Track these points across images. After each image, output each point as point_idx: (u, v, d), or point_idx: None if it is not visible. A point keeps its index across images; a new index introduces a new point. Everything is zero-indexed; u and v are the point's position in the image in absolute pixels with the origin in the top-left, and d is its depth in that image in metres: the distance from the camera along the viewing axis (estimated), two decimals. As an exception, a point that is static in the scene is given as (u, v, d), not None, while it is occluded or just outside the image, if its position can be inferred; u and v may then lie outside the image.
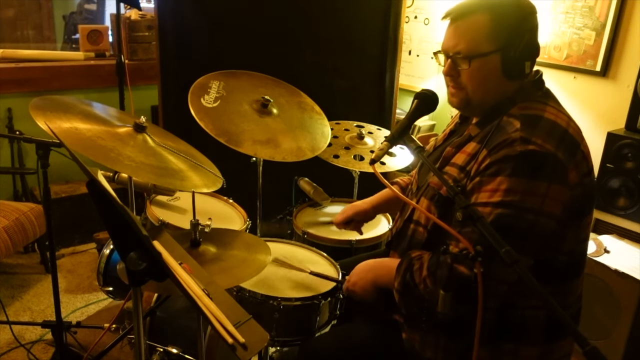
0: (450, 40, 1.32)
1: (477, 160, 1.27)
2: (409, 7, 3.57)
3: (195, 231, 1.52)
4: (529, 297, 1.28)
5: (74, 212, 3.15)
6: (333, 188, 2.36)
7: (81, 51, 3.45)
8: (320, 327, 1.62)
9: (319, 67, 2.86)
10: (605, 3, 2.63)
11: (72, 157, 1.08)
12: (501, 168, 1.20)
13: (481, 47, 1.28)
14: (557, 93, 3.19)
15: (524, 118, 1.26)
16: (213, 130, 1.82)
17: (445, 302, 1.10)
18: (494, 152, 1.23)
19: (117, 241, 1.00)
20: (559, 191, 1.20)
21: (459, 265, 1.20)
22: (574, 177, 1.22)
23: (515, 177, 1.19)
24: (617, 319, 2.16)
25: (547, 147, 1.20)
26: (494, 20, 1.27)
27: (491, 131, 1.28)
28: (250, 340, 0.97)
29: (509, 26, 1.27)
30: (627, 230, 2.40)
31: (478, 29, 1.28)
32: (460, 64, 1.30)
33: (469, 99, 1.34)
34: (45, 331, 2.43)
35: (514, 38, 1.27)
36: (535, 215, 1.18)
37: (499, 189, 1.19)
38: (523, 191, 1.18)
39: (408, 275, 1.31)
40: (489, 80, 1.31)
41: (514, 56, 1.28)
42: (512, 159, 1.20)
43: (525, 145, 1.19)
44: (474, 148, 1.32)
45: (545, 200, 1.18)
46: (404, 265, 1.34)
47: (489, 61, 1.28)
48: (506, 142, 1.22)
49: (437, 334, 1.36)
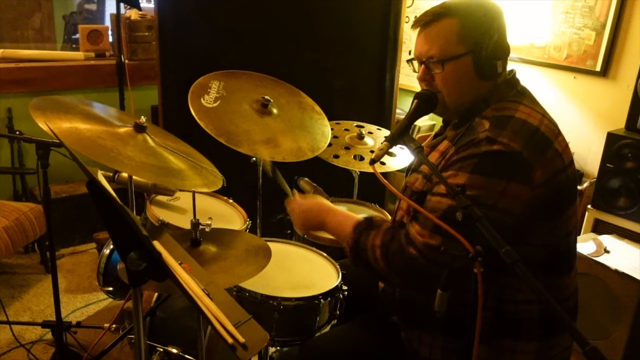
0: (422, 46, 1.35)
1: (445, 157, 1.32)
2: (409, 7, 3.57)
3: (196, 231, 1.53)
4: (521, 292, 1.29)
5: (74, 212, 3.15)
6: (333, 188, 2.36)
7: (81, 51, 3.45)
8: (320, 327, 1.62)
9: (319, 67, 2.86)
10: (605, 3, 2.63)
11: (72, 157, 1.08)
12: (464, 165, 1.24)
13: (452, 49, 1.31)
14: (557, 93, 3.21)
15: (495, 119, 1.28)
16: (213, 131, 1.82)
17: (442, 301, 1.10)
18: (462, 150, 1.27)
19: (117, 241, 1.00)
20: (518, 189, 1.21)
21: (410, 247, 1.24)
22: (540, 176, 1.23)
23: (476, 174, 1.22)
24: (617, 319, 2.16)
25: (513, 146, 1.21)
26: (462, 23, 1.30)
27: (462, 131, 1.31)
28: (250, 340, 0.97)
29: (477, 27, 1.30)
30: (627, 230, 2.40)
31: (448, 33, 1.31)
32: (434, 68, 1.34)
33: (445, 102, 1.36)
34: (45, 331, 2.43)
35: (483, 38, 1.30)
36: (487, 210, 1.18)
37: (459, 183, 1.22)
38: (480, 187, 1.20)
39: (363, 236, 1.35)
40: (463, 81, 1.34)
41: (485, 56, 1.30)
42: (475, 157, 1.23)
43: (490, 145, 1.22)
44: (445, 146, 1.36)
45: (501, 198, 1.20)
46: (363, 226, 1.37)
47: (462, 63, 1.31)
48: (473, 142, 1.25)
49: (435, 333, 1.37)
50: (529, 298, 1.29)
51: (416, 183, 1.38)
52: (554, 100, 2.87)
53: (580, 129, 2.78)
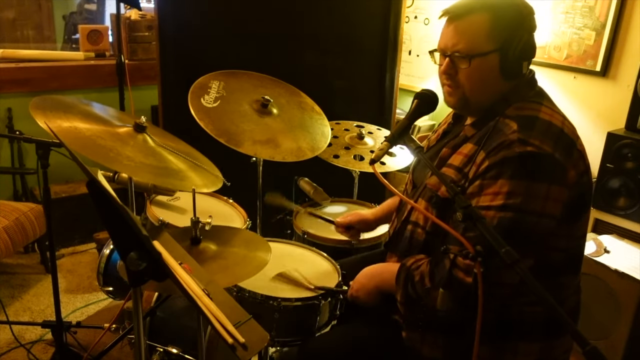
0: (449, 39, 1.32)
1: (475, 163, 1.27)
2: (409, 7, 3.58)
3: (196, 228, 1.52)
4: (526, 294, 1.28)
5: (74, 212, 3.15)
6: (333, 188, 2.36)
7: (81, 51, 3.45)
8: (320, 327, 1.61)
9: (319, 67, 2.86)
10: (605, 3, 2.62)
11: (72, 157, 1.08)
12: (501, 171, 1.21)
13: (481, 46, 1.28)
14: (557, 93, 3.21)
15: (520, 119, 1.26)
16: (213, 131, 1.82)
17: (444, 299, 1.10)
18: (492, 154, 1.24)
19: (117, 241, 1.00)
20: (558, 192, 1.20)
21: (458, 271, 1.21)
22: (573, 177, 1.23)
23: (516, 179, 1.19)
24: (617, 319, 2.16)
25: (545, 148, 1.20)
26: (493, 20, 1.27)
27: (488, 132, 1.29)
28: (250, 340, 0.97)
29: (508, 26, 1.28)
30: (627, 230, 2.40)
31: (478, 28, 1.28)
32: (460, 63, 1.31)
33: (466, 98, 1.34)
34: (45, 331, 2.43)
35: (512, 38, 1.27)
36: (538, 217, 1.19)
37: (501, 192, 1.20)
38: (524, 193, 1.18)
39: (410, 287, 1.33)
40: (487, 79, 1.31)
41: (513, 56, 1.28)
42: (511, 161, 1.20)
43: (524, 146, 1.20)
44: (470, 149, 1.33)
45: (547, 202, 1.19)
46: (403, 276, 1.35)
47: (488, 61, 1.29)
48: (504, 144, 1.22)
49: (436, 333, 1.37)
50: (534, 299, 1.28)
51: (442, 188, 1.33)
52: (554, 101, 2.86)
53: (580, 129, 2.74)
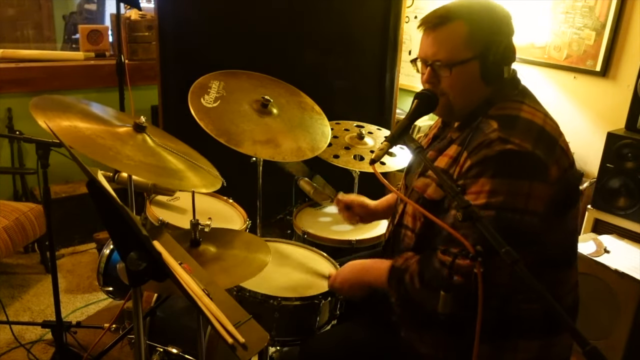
0: (429, 48, 1.33)
1: (459, 163, 1.29)
2: (409, 7, 3.57)
3: (195, 231, 1.52)
4: (523, 291, 1.29)
5: (74, 212, 3.15)
6: (333, 188, 2.36)
7: (81, 51, 3.45)
8: (320, 327, 1.62)
9: (319, 67, 2.86)
10: (605, 3, 2.62)
11: (71, 157, 1.08)
12: (483, 170, 1.22)
13: (460, 54, 1.29)
14: (557, 93, 3.20)
15: (501, 118, 1.27)
16: (213, 131, 1.82)
17: (445, 303, 1.10)
18: (474, 153, 1.25)
19: (117, 241, 1.00)
20: (541, 189, 1.21)
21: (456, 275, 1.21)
22: (555, 173, 1.23)
23: (498, 178, 1.20)
24: (617, 319, 2.16)
25: (525, 146, 1.21)
26: (470, 27, 1.29)
27: (470, 133, 1.30)
28: (250, 340, 0.97)
29: (485, 32, 1.29)
30: (627, 230, 2.40)
31: (456, 37, 1.29)
32: (441, 72, 1.32)
33: (450, 105, 1.35)
34: (45, 331, 2.43)
35: (491, 44, 1.28)
36: (521, 215, 1.19)
37: (483, 190, 1.21)
38: (507, 192, 1.19)
39: (402, 289, 1.34)
40: (469, 86, 1.33)
41: (493, 61, 1.29)
42: (492, 160, 1.21)
43: (504, 145, 1.21)
44: (455, 151, 1.34)
45: (530, 199, 1.20)
46: (395, 280, 1.36)
47: (469, 68, 1.30)
48: (484, 143, 1.24)
49: (436, 332, 1.37)
50: (532, 296, 1.28)
51: (428, 190, 1.35)
52: (554, 101, 2.86)
53: (580, 129, 2.78)
